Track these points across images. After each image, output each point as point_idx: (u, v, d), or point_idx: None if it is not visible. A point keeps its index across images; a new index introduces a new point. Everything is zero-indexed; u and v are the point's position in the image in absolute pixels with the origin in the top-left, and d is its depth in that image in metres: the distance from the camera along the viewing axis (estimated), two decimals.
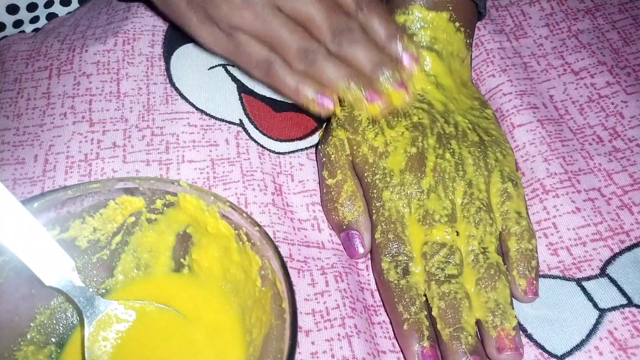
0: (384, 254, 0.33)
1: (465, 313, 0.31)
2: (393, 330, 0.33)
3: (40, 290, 0.29)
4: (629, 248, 0.34)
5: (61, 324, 0.30)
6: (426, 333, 0.31)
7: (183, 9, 0.38)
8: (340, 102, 0.36)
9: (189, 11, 0.38)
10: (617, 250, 0.34)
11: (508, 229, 0.34)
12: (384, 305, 0.34)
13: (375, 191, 0.35)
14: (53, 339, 0.30)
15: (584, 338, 0.31)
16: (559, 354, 0.31)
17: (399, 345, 0.32)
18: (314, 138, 0.41)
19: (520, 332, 0.32)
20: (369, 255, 0.36)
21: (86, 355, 0.28)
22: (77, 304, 0.28)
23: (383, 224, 0.34)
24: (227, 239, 0.30)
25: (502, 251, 0.34)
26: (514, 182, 0.35)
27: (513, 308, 0.31)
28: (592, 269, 0.34)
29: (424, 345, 0.30)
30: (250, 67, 0.37)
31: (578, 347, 0.31)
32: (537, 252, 0.33)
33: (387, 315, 0.33)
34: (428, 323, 0.31)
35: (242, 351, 0.29)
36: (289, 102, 0.41)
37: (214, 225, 0.30)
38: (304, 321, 0.32)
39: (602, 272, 0.34)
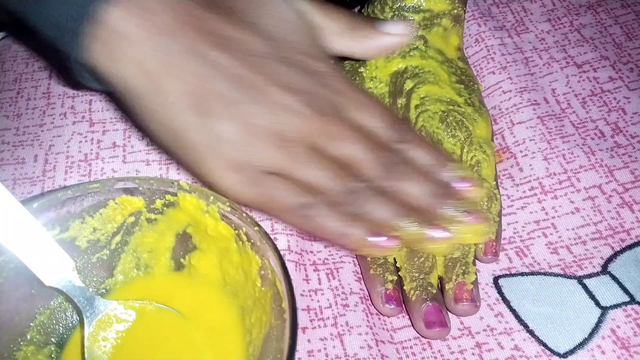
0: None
1: (429, 267, 0.33)
2: (362, 277, 0.34)
3: (40, 290, 0.29)
4: (630, 247, 0.34)
5: (61, 324, 0.30)
6: (390, 277, 0.33)
7: (199, 150, 0.30)
8: None
9: (210, 155, 0.30)
10: (618, 249, 0.34)
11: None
12: (356, 255, 0.35)
13: None
14: (53, 339, 0.30)
15: (586, 337, 0.31)
16: (562, 352, 0.31)
17: (366, 288, 0.34)
18: None
19: (522, 328, 0.32)
20: None
21: (86, 355, 0.28)
22: (77, 304, 0.28)
23: None
24: (227, 240, 0.30)
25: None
26: (485, 149, 0.36)
27: (474, 265, 0.33)
28: (594, 267, 0.34)
29: (388, 287, 0.32)
30: (283, 214, 0.31)
31: (581, 345, 0.31)
32: (499, 217, 0.35)
33: (358, 263, 0.35)
34: (393, 269, 0.33)
35: (242, 351, 0.29)
36: None
37: (213, 227, 0.30)
38: (300, 318, 0.32)
39: (604, 270, 0.34)
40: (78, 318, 0.31)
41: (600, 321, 0.32)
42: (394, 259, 0.34)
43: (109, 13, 0.27)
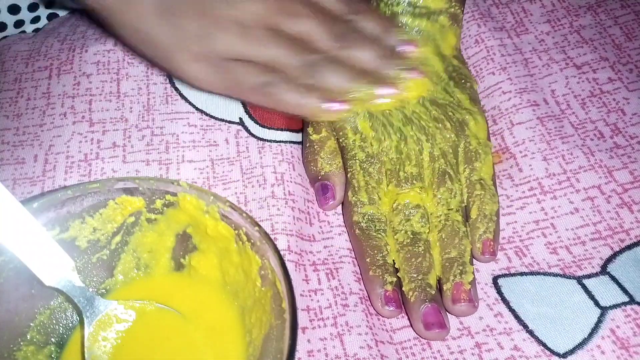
0: (356, 209, 0.35)
1: (427, 267, 0.33)
2: (362, 278, 0.34)
3: (40, 290, 0.29)
4: (629, 247, 0.34)
5: (61, 324, 0.30)
6: (389, 279, 0.33)
7: (166, 48, 0.35)
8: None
9: (176, 51, 0.35)
10: (617, 249, 0.34)
11: (472, 193, 0.35)
12: (355, 256, 0.35)
13: (351, 152, 0.37)
14: (53, 339, 0.30)
15: (586, 337, 0.31)
16: (561, 352, 0.31)
17: (366, 290, 0.34)
18: None
19: (522, 328, 0.32)
20: None
21: (86, 355, 0.28)
22: (77, 304, 0.28)
23: (356, 182, 0.36)
24: (227, 241, 0.30)
25: (467, 214, 0.36)
26: (482, 150, 0.36)
27: (472, 265, 0.33)
28: (593, 267, 0.34)
29: (387, 288, 0.33)
30: (247, 94, 0.36)
31: (580, 345, 0.31)
32: (497, 216, 0.35)
33: (358, 264, 0.35)
34: (392, 270, 0.34)
35: (242, 351, 0.29)
36: None
37: (213, 227, 0.30)
38: (300, 318, 0.32)
39: (603, 270, 0.34)
40: (78, 318, 0.31)
41: (599, 321, 0.32)
42: (393, 260, 0.34)
43: None
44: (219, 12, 0.34)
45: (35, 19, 0.49)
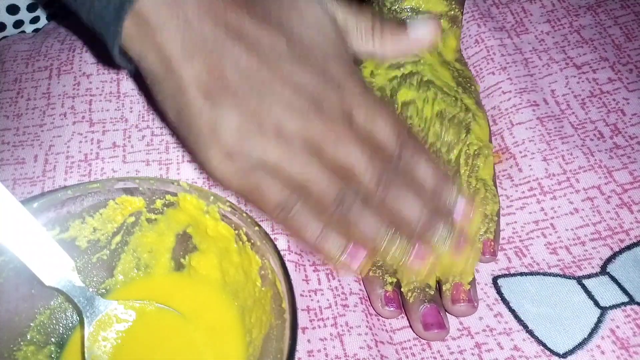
0: None
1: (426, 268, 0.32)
2: (362, 279, 0.34)
3: (40, 290, 0.29)
4: (629, 247, 0.34)
5: (61, 324, 0.30)
6: (389, 279, 0.33)
7: (201, 132, 0.30)
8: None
9: (211, 141, 0.30)
10: (617, 249, 0.34)
11: (472, 195, 0.35)
12: None
13: None
14: (53, 339, 0.30)
15: (585, 337, 0.31)
16: (561, 352, 0.31)
17: (365, 290, 0.34)
18: None
19: (521, 328, 0.32)
20: None
21: (86, 355, 0.28)
22: (77, 304, 0.28)
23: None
24: (227, 241, 0.30)
25: None
26: (483, 151, 0.36)
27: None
28: (592, 267, 0.34)
29: (387, 289, 0.33)
30: (268, 209, 0.30)
31: (580, 345, 0.31)
32: (497, 216, 0.35)
33: None
34: (392, 271, 0.33)
35: (242, 351, 0.29)
36: None
37: (213, 228, 0.30)
38: (300, 318, 0.32)
39: (603, 270, 0.34)
40: (78, 318, 0.31)
41: (599, 321, 0.32)
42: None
43: (143, 2, 0.29)
44: (261, 115, 0.30)
45: (35, 19, 0.49)
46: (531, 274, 0.34)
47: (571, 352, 0.31)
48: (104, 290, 0.32)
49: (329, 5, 0.34)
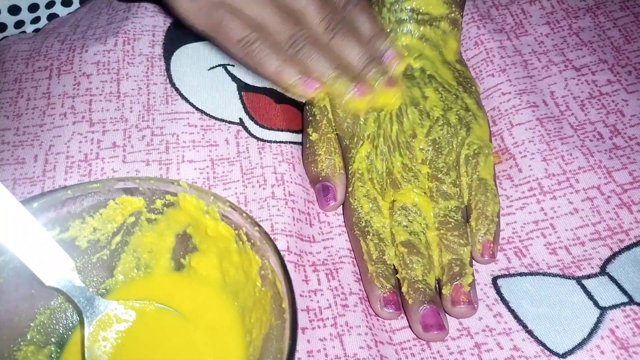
0: (356, 210, 0.35)
1: (426, 268, 0.33)
2: (361, 279, 0.34)
3: (40, 290, 0.29)
4: (629, 247, 0.34)
5: (61, 324, 0.30)
6: (389, 281, 0.33)
7: None
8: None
9: None
10: (617, 250, 0.34)
11: (473, 195, 0.35)
12: (355, 257, 0.35)
13: (351, 152, 0.37)
14: (53, 339, 0.30)
15: (585, 337, 0.31)
16: (561, 352, 0.31)
17: (365, 291, 0.34)
18: None
19: (521, 328, 0.32)
20: None
21: (86, 355, 0.28)
22: (77, 304, 0.28)
23: (357, 182, 0.36)
24: (227, 240, 0.30)
25: (467, 214, 0.36)
26: (483, 150, 0.37)
27: (472, 267, 0.33)
28: (592, 268, 0.34)
29: (386, 291, 0.33)
30: (230, 45, 0.36)
31: (580, 345, 0.31)
32: (498, 217, 0.35)
33: (357, 264, 0.35)
34: (391, 272, 0.34)
35: (242, 351, 0.29)
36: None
37: (213, 228, 0.30)
38: (300, 318, 0.32)
39: (602, 271, 0.34)
40: (78, 318, 0.31)
41: (599, 321, 0.32)
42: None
43: None
44: None
45: (36, 20, 0.49)
46: (531, 274, 0.34)
47: (571, 352, 0.31)
48: (104, 290, 0.32)
49: None
